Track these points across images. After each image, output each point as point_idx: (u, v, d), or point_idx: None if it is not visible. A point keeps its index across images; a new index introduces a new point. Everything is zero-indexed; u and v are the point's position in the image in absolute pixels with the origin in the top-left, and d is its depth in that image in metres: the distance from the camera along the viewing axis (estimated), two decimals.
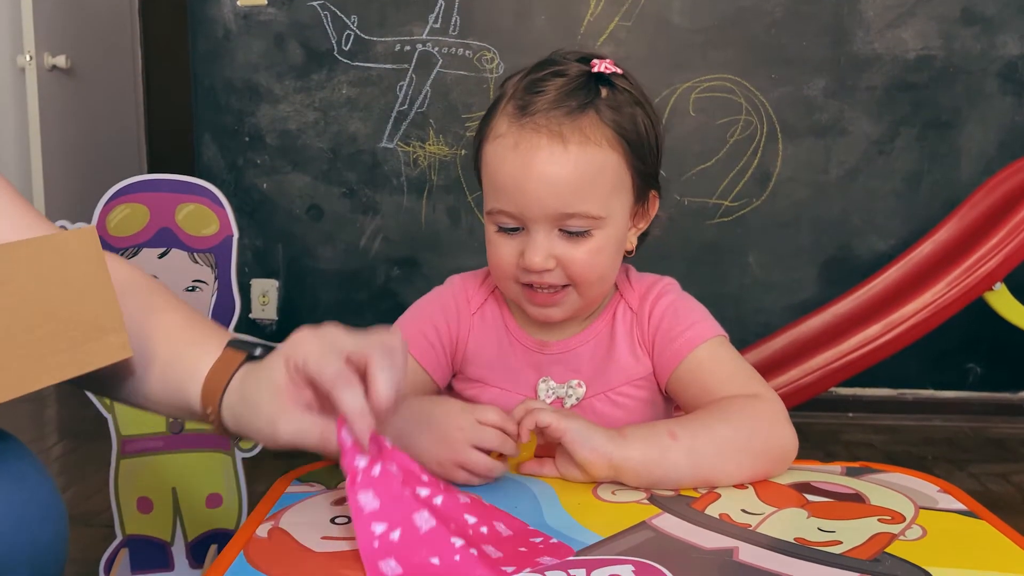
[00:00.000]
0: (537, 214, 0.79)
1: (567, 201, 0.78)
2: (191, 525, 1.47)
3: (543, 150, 0.78)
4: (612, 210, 0.81)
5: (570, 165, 0.78)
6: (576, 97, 0.79)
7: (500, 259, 0.83)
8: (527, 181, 0.78)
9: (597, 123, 0.79)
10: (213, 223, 1.45)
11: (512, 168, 0.79)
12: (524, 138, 0.79)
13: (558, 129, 0.78)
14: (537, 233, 0.80)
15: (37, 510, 0.63)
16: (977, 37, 2.43)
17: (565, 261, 0.80)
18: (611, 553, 0.60)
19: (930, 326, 2.02)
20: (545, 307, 0.84)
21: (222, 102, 2.59)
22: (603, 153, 0.79)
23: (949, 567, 0.58)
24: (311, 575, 0.57)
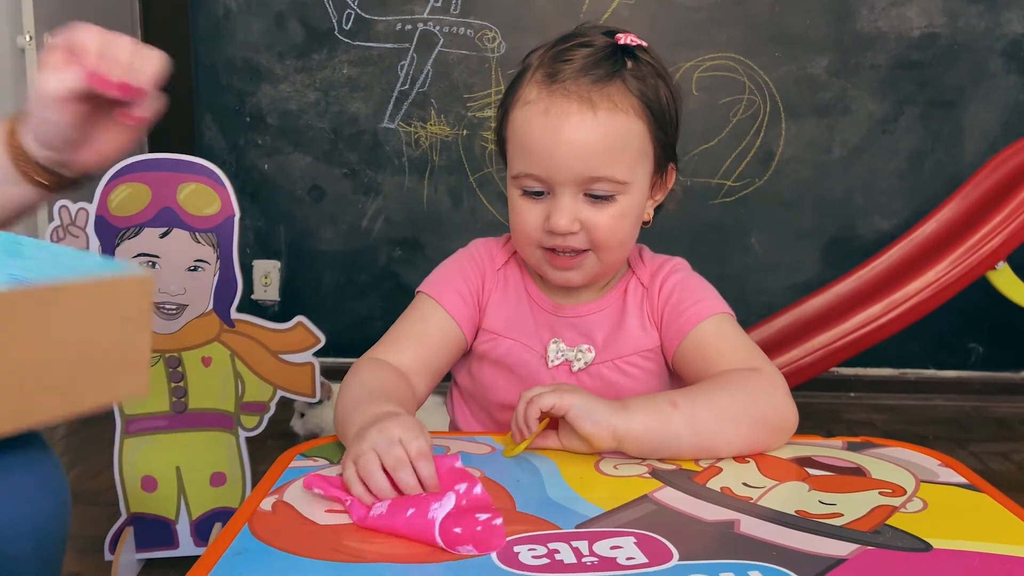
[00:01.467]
0: (565, 177, 0.81)
1: (594, 165, 0.80)
2: (195, 503, 1.48)
3: (573, 115, 0.80)
4: (636, 177, 0.83)
5: (600, 130, 0.80)
6: (603, 66, 0.82)
7: (525, 223, 0.85)
8: (557, 145, 0.80)
9: (624, 91, 0.82)
10: (215, 202, 1.45)
11: (542, 132, 0.81)
12: (554, 103, 0.81)
13: (587, 95, 0.80)
14: (563, 196, 0.82)
15: (39, 482, 0.64)
16: (982, 15, 2.41)
17: (589, 225, 0.83)
18: (613, 525, 0.61)
19: (932, 305, 2.02)
20: (565, 270, 0.87)
21: (223, 82, 2.58)
22: (630, 120, 0.81)
23: (950, 538, 0.59)
24: (315, 546, 0.57)
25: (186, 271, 1.45)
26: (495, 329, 0.93)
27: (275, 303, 2.66)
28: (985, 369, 2.59)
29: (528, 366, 0.90)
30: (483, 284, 0.94)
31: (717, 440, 0.75)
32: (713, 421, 0.75)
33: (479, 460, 0.74)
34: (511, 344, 0.91)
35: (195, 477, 1.47)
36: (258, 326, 1.47)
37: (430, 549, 0.57)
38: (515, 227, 0.87)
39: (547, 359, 0.90)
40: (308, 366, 1.46)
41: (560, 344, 0.90)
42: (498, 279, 0.94)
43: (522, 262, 0.95)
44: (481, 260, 0.95)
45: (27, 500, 0.63)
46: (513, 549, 0.56)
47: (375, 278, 2.64)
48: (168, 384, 1.43)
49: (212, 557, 0.56)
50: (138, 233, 1.43)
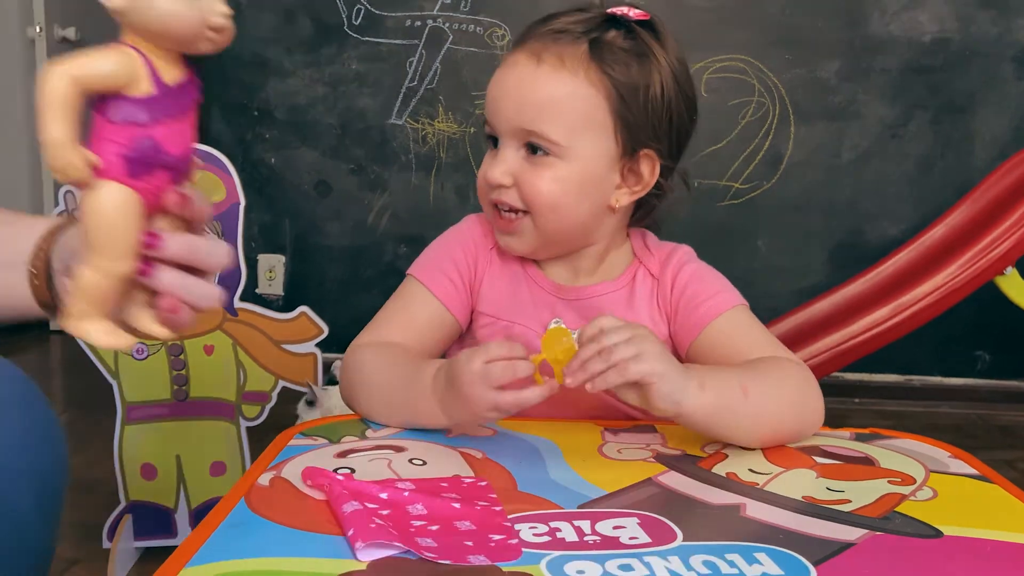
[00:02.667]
0: (504, 127, 0.81)
1: (530, 117, 0.79)
2: (195, 492, 1.47)
3: (519, 65, 0.81)
4: (578, 144, 0.80)
5: (538, 83, 0.80)
6: (575, 29, 0.81)
7: (480, 176, 0.85)
8: (498, 90, 0.82)
9: (582, 55, 0.80)
10: (220, 190, 1.44)
11: (494, 80, 0.83)
12: (511, 56, 0.83)
13: (540, 50, 0.80)
14: (506, 148, 0.82)
15: (40, 434, 0.64)
16: (994, 21, 2.40)
17: (521, 181, 0.81)
18: (616, 506, 0.60)
19: (939, 310, 2.01)
20: (505, 234, 0.85)
21: (231, 76, 2.57)
22: (576, 83, 0.80)
23: (961, 526, 0.58)
24: (312, 520, 0.56)
25: None
26: (492, 311, 0.89)
27: (279, 297, 2.65)
28: (991, 377, 2.57)
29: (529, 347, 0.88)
30: (475, 265, 0.91)
31: (767, 430, 0.73)
32: (772, 411, 0.73)
33: (480, 442, 0.73)
34: (507, 325, 0.88)
35: (195, 466, 1.46)
36: (261, 315, 1.46)
37: (435, 517, 0.56)
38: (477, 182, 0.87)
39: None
40: (310, 356, 1.45)
41: (561, 324, 0.86)
42: (491, 258, 0.91)
43: None
44: (473, 240, 0.92)
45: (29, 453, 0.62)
46: (514, 527, 0.55)
47: (380, 274, 2.63)
48: (170, 372, 1.43)
49: (207, 529, 0.55)
50: None
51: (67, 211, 1.45)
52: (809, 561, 0.52)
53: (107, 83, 0.50)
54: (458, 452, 0.70)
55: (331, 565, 0.50)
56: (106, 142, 0.50)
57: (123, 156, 0.50)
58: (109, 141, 0.50)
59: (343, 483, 0.60)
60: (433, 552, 0.51)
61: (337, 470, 0.64)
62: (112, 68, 0.50)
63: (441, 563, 0.50)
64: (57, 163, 0.49)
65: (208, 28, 0.50)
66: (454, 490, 0.61)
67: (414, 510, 0.57)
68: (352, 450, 0.70)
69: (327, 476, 0.61)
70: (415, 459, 0.68)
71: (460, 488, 0.61)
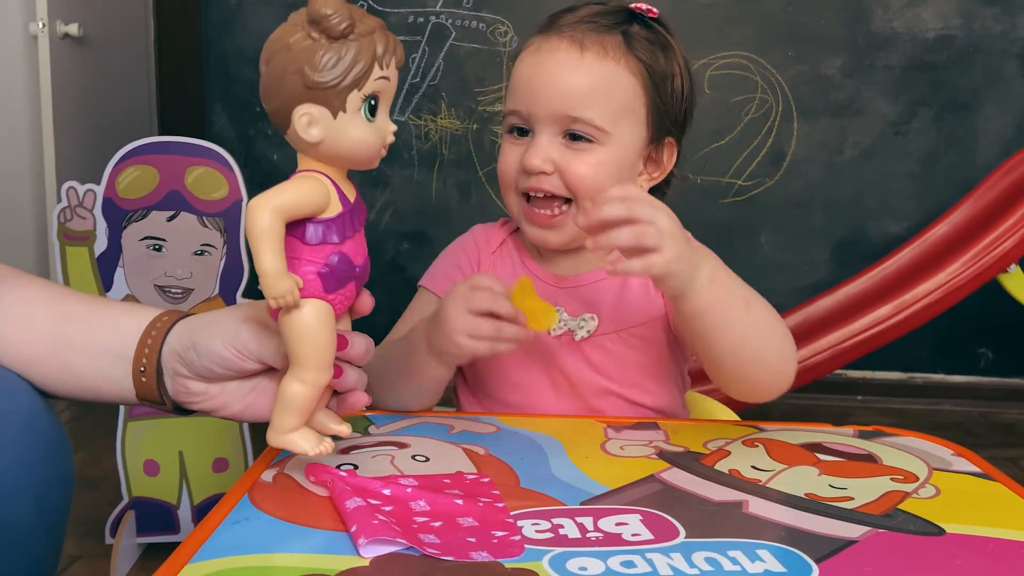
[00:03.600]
0: (543, 113, 0.81)
1: (574, 103, 0.80)
2: (197, 489, 1.47)
3: (560, 52, 0.81)
4: (619, 130, 0.81)
5: (583, 69, 0.80)
6: (606, 19, 0.82)
7: (505, 165, 0.85)
8: (538, 78, 0.81)
9: (620, 45, 0.82)
10: (223, 187, 1.44)
11: (528, 67, 0.82)
12: (546, 42, 0.82)
13: (580, 37, 0.81)
14: (541, 136, 0.81)
15: (43, 450, 0.63)
16: (998, 18, 2.39)
17: (565, 169, 0.81)
18: (619, 503, 0.60)
19: (942, 307, 2.01)
20: (543, 228, 0.84)
21: (234, 72, 2.57)
22: (619, 70, 0.81)
23: (964, 523, 0.57)
24: (315, 516, 0.56)
25: (192, 255, 1.44)
26: None
27: None
28: (994, 375, 2.56)
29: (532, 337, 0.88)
30: (479, 268, 0.93)
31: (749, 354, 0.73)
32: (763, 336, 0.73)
33: (483, 438, 0.73)
34: None
35: (197, 462, 1.47)
36: None
37: (438, 513, 0.57)
38: (499, 171, 0.86)
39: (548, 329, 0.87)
40: None
41: (563, 313, 0.87)
42: (494, 261, 0.93)
43: (519, 241, 0.93)
44: (476, 245, 0.94)
45: (31, 471, 0.62)
46: (516, 523, 0.55)
47: (382, 271, 2.62)
48: None
49: (210, 525, 0.55)
50: (145, 216, 1.43)
51: (68, 206, 1.45)
52: (811, 558, 0.52)
53: (308, 211, 0.54)
54: (461, 448, 0.70)
55: (334, 561, 0.50)
56: (305, 263, 0.55)
57: (321, 275, 0.55)
58: (307, 262, 0.55)
59: (346, 479, 0.60)
60: (436, 548, 0.51)
61: (340, 466, 0.65)
62: (312, 197, 0.54)
63: (443, 559, 0.50)
64: (274, 291, 0.53)
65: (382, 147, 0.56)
66: (457, 486, 0.61)
67: (417, 506, 0.57)
68: (355, 446, 0.70)
69: (330, 472, 0.61)
70: (418, 455, 0.68)
71: (463, 484, 0.61)
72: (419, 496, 0.58)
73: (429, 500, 0.57)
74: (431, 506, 0.57)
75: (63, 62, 2.90)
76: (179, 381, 0.65)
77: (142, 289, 1.43)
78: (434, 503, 0.57)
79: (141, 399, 0.67)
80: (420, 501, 0.57)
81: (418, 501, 0.57)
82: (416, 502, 0.57)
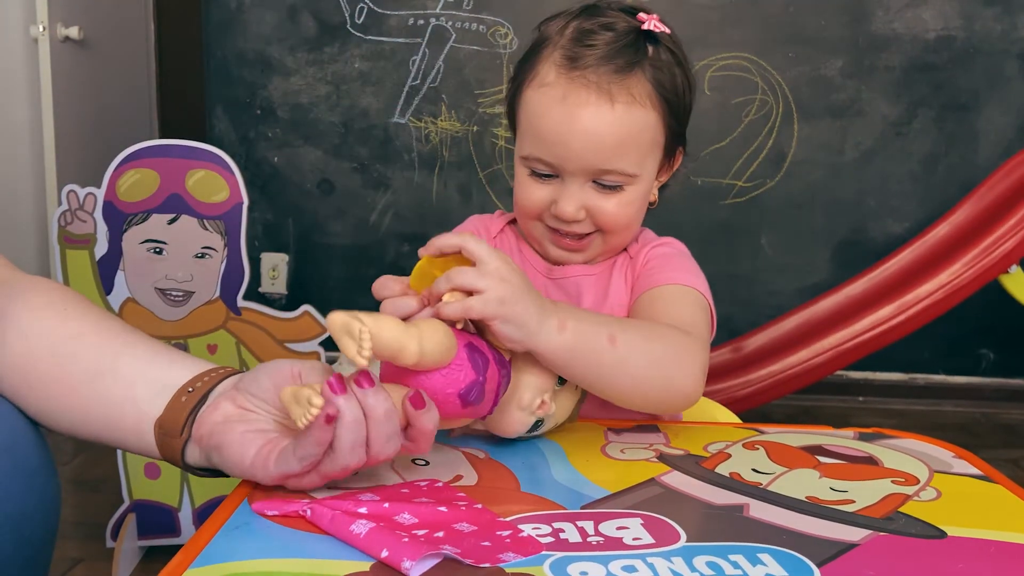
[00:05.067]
0: (575, 167, 0.81)
1: (606, 157, 0.80)
2: (198, 491, 1.47)
3: (591, 106, 0.80)
4: (645, 167, 0.84)
5: (615, 124, 0.80)
6: (625, 55, 0.81)
7: (530, 202, 0.85)
8: (571, 135, 0.80)
9: (643, 82, 0.81)
10: (223, 190, 1.44)
11: (557, 120, 0.81)
12: (572, 91, 0.80)
13: (607, 87, 0.80)
14: (572, 184, 0.82)
15: (22, 480, 0.62)
16: (998, 18, 2.39)
17: (594, 212, 0.83)
18: (619, 507, 0.59)
19: (944, 308, 2.01)
20: (570, 252, 0.87)
21: (234, 74, 2.58)
22: (645, 113, 0.81)
23: (965, 526, 0.57)
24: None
25: (193, 258, 1.44)
26: None
27: (282, 296, 2.65)
28: (995, 376, 2.56)
29: None
30: None
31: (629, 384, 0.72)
32: (637, 366, 0.72)
33: (483, 442, 0.73)
34: None
35: None
36: (264, 314, 1.46)
37: (430, 522, 0.56)
38: (519, 202, 0.87)
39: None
40: (313, 355, 1.46)
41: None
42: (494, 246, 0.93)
43: (515, 230, 0.95)
44: (477, 230, 0.96)
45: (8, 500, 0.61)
46: (517, 527, 0.55)
47: (382, 273, 2.61)
48: None
49: (210, 530, 0.55)
50: (146, 219, 1.43)
51: (69, 210, 1.45)
52: (813, 562, 0.51)
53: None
54: (461, 452, 0.70)
55: (335, 566, 0.50)
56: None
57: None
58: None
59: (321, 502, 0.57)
60: (466, 558, 0.50)
61: None
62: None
63: (465, 563, 0.50)
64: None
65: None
66: (421, 494, 0.60)
67: (404, 520, 0.56)
68: None
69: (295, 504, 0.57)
70: (418, 459, 0.68)
71: (422, 491, 0.61)
72: (401, 510, 0.56)
73: (412, 512, 0.56)
74: (418, 518, 0.56)
75: (64, 65, 2.90)
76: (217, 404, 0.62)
77: (143, 292, 1.43)
78: (418, 514, 0.56)
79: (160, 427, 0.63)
80: (404, 514, 0.56)
81: (402, 515, 0.56)
82: (400, 516, 0.56)
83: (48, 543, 0.66)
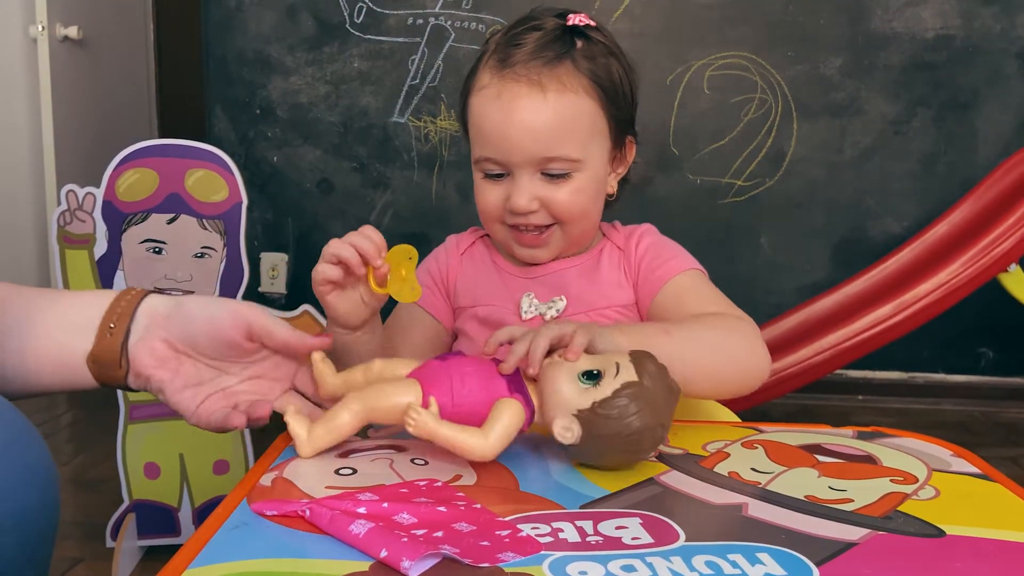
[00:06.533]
0: (520, 159, 0.84)
1: (547, 146, 0.84)
2: (198, 491, 1.47)
3: (523, 98, 0.83)
4: (590, 153, 0.86)
5: (549, 111, 0.83)
6: (552, 48, 0.85)
7: (487, 204, 0.89)
8: (510, 128, 0.84)
9: (573, 71, 0.85)
10: (222, 189, 1.44)
11: (495, 117, 0.85)
12: (506, 88, 0.84)
13: (537, 78, 0.83)
14: (521, 177, 0.85)
15: (23, 477, 0.62)
16: (997, 17, 2.39)
17: (548, 202, 0.86)
18: (618, 506, 0.60)
19: (943, 307, 2.01)
20: (533, 248, 0.90)
21: (234, 74, 2.58)
22: (579, 99, 0.85)
23: (963, 525, 0.57)
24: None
25: (193, 258, 1.44)
26: (468, 303, 0.96)
27: (282, 295, 2.65)
28: (995, 374, 2.56)
29: (504, 321, 0.91)
30: (447, 270, 0.98)
31: (699, 372, 0.76)
32: (701, 353, 0.77)
33: None
34: (485, 309, 0.94)
35: (198, 465, 1.46)
36: None
37: (429, 522, 0.56)
38: (480, 208, 0.91)
39: (520, 313, 0.92)
40: None
41: (532, 298, 0.92)
42: (462, 262, 0.99)
43: (488, 241, 0.98)
44: (446, 252, 1.00)
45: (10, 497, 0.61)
46: (516, 527, 0.55)
47: None
48: None
49: (209, 530, 0.55)
50: (145, 219, 1.43)
51: (68, 209, 1.45)
52: (812, 561, 0.51)
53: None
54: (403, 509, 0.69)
55: (334, 566, 0.50)
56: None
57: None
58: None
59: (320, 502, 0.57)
60: (464, 557, 0.50)
61: (339, 471, 0.65)
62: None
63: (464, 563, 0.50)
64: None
65: None
66: (420, 494, 0.60)
67: (403, 519, 0.56)
68: (353, 450, 0.70)
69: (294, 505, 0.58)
70: (416, 459, 0.68)
71: (421, 491, 0.61)
72: (400, 510, 0.56)
73: (411, 512, 0.56)
74: (418, 518, 0.56)
75: (63, 65, 2.90)
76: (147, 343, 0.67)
77: None
78: (417, 514, 0.56)
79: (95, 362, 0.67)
80: (403, 514, 0.56)
81: (401, 515, 0.56)
82: (399, 516, 0.56)
83: (49, 540, 0.66)
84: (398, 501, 0.58)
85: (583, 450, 0.65)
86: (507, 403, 0.65)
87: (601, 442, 0.64)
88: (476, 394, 0.66)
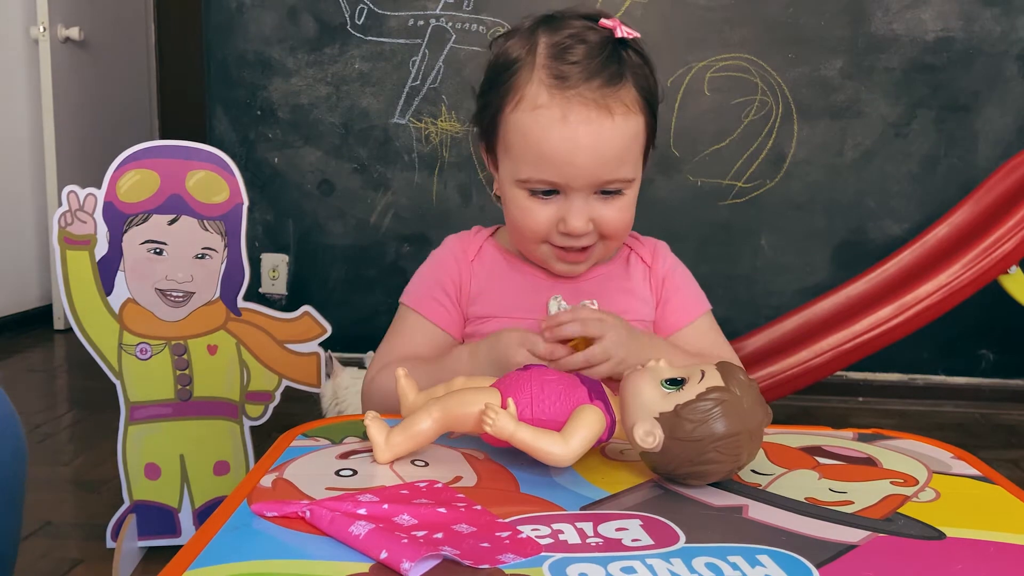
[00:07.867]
0: (583, 183, 0.83)
1: (611, 168, 0.83)
2: (198, 492, 1.47)
3: (592, 123, 0.81)
4: (639, 169, 0.87)
5: (617, 136, 0.82)
6: (610, 66, 0.82)
7: (536, 223, 0.86)
8: (576, 153, 0.81)
9: (631, 91, 0.84)
10: (223, 190, 1.44)
11: (559, 140, 0.81)
12: (572, 110, 0.81)
13: (604, 102, 0.81)
14: (577, 199, 0.84)
15: None
16: (997, 19, 2.39)
17: (600, 221, 0.85)
18: (618, 508, 0.60)
19: (943, 309, 2.00)
20: (575, 264, 0.90)
21: (234, 75, 2.58)
22: (638, 120, 0.84)
23: (964, 527, 0.57)
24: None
25: (193, 259, 1.44)
26: (484, 313, 0.94)
27: (283, 297, 2.66)
28: (995, 376, 2.56)
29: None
30: (460, 281, 0.95)
31: None
32: None
33: (482, 443, 0.73)
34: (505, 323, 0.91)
35: (198, 466, 1.46)
36: (265, 315, 1.46)
37: (429, 523, 0.56)
38: (523, 227, 0.87)
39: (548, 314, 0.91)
40: (314, 356, 1.46)
41: (560, 301, 0.90)
42: (474, 269, 0.96)
43: (497, 244, 0.97)
44: (454, 258, 0.97)
45: None
46: (517, 528, 0.55)
47: (383, 273, 2.63)
48: (173, 372, 1.43)
49: (210, 531, 0.55)
50: (146, 220, 1.43)
51: (69, 210, 1.45)
52: (812, 563, 0.51)
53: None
54: (460, 453, 0.70)
55: (334, 567, 0.50)
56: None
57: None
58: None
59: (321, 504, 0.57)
60: (464, 559, 0.50)
61: (339, 472, 0.65)
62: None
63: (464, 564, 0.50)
64: None
65: None
66: (420, 496, 0.60)
67: (403, 521, 0.56)
68: (354, 451, 0.70)
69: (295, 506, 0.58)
70: (417, 460, 0.68)
71: (422, 493, 0.61)
72: (400, 511, 0.56)
73: (411, 513, 0.56)
74: (418, 519, 0.56)
75: (64, 66, 2.91)
76: None
77: (143, 292, 1.43)
78: (417, 515, 0.56)
79: None
80: (403, 515, 0.56)
81: (401, 516, 0.56)
82: (399, 517, 0.56)
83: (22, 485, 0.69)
84: (398, 502, 0.58)
85: (667, 459, 0.62)
86: (589, 409, 0.64)
87: (686, 448, 0.61)
88: (557, 401, 0.65)
